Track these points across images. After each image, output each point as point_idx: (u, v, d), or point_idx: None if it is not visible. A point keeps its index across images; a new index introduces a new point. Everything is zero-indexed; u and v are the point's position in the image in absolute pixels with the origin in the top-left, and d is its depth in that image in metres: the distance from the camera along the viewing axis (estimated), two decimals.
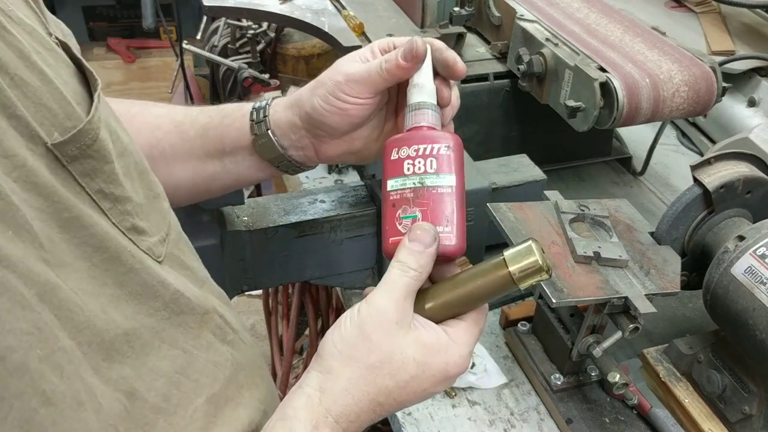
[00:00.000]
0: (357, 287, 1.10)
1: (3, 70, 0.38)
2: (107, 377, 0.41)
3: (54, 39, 0.47)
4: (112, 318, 0.43)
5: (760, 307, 0.73)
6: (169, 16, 2.91)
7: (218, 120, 0.69)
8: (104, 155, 0.44)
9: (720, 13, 1.57)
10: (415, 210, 0.52)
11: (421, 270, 0.51)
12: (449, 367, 0.52)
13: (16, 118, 0.38)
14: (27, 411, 0.34)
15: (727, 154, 0.89)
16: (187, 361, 0.49)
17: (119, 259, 0.44)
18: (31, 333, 0.35)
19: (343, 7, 1.31)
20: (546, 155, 1.22)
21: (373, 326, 0.50)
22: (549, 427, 0.89)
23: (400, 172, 0.54)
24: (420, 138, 0.54)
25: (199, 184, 0.71)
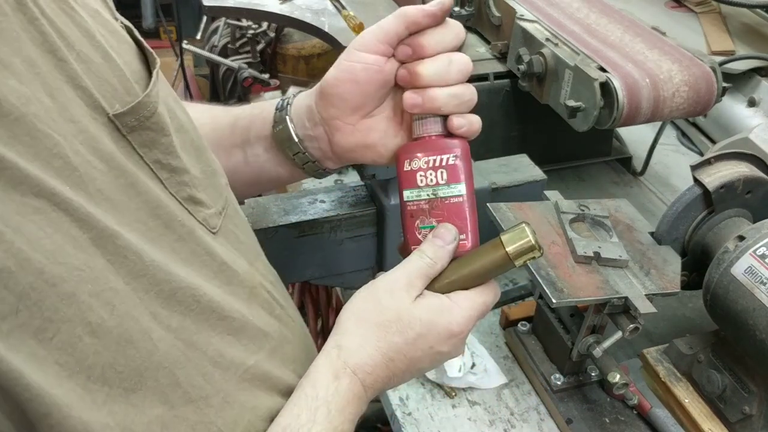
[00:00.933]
0: (357, 287, 1.10)
1: (70, 46, 0.42)
2: (167, 324, 0.44)
3: (120, 23, 0.51)
4: (174, 272, 0.46)
5: (760, 307, 0.73)
6: (169, 16, 2.91)
7: (248, 111, 0.72)
8: (162, 128, 0.47)
9: (720, 13, 1.57)
10: (432, 221, 0.58)
11: (436, 260, 0.57)
12: (452, 326, 0.57)
13: (82, 89, 0.42)
14: (72, 336, 0.37)
15: (727, 154, 0.89)
16: (241, 325, 0.52)
17: (171, 227, 0.47)
18: (82, 270, 0.38)
19: (343, 7, 1.31)
20: (546, 155, 1.22)
21: (385, 292, 0.57)
22: (549, 427, 0.89)
23: (414, 184, 0.58)
24: (430, 149, 0.57)
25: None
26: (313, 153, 0.67)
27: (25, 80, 0.38)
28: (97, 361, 0.38)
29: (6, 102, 0.36)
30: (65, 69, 0.41)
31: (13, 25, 0.38)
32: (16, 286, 0.34)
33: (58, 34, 0.41)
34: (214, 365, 0.48)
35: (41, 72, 0.39)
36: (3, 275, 0.34)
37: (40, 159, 0.37)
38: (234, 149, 0.71)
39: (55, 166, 0.38)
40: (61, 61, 0.41)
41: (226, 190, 0.59)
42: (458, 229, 0.58)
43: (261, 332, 0.55)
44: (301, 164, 0.68)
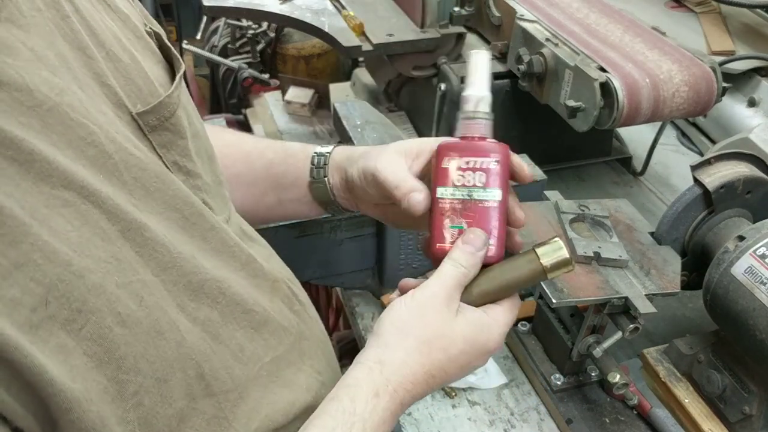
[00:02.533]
0: (357, 287, 1.10)
1: (100, 45, 0.43)
2: (194, 316, 0.45)
3: (148, 29, 0.51)
4: (201, 264, 0.46)
5: (760, 307, 0.73)
6: (169, 16, 2.91)
7: (282, 157, 0.75)
8: (180, 130, 0.48)
9: (720, 13, 1.57)
10: (462, 221, 0.56)
11: (469, 269, 0.57)
12: (490, 343, 0.57)
13: (108, 87, 0.43)
14: (102, 327, 0.38)
15: (727, 154, 0.89)
16: (264, 319, 0.53)
17: (203, 215, 0.48)
18: (109, 262, 0.39)
19: (343, 7, 1.31)
20: (546, 155, 1.22)
21: (427, 307, 0.56)
22: (549, 427, 0.89)
23: (449, 182, 0.56)
24: (471, 149, 0.56)
25: (252, 212, 0.74)
26: (342, 204, 0.73)
27: (58, 73, 0.38)
28: (128, 352, 0.39)
29: (39, 92, 0.36)
30: (93, 66, 0.42)
31: (46, 20, 0.39)
32: (44, 278, 0.35)
33: (89, 32, 0.42)
34: (235, 359, 0.49)
35: (72, 67, 0.40)
36: (30, 268, 0.34)
37: (73, 147, 0.38)
38: (269, 191, 0.75)
39: (89, 155, 0.39)
40: (89, 59, 0.41)
41: (229, 202, 0.60)
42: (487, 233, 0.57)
43: (281, 327, 0.56)
44: (332, 211, 0.75)
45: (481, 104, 0.58)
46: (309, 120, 1.57)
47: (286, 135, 1.52)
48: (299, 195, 0.73)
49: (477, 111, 0.58)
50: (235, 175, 0.74)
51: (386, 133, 1.04)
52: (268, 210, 0.76)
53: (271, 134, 1.54)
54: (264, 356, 0.53)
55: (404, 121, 1.44)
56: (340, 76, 1.86)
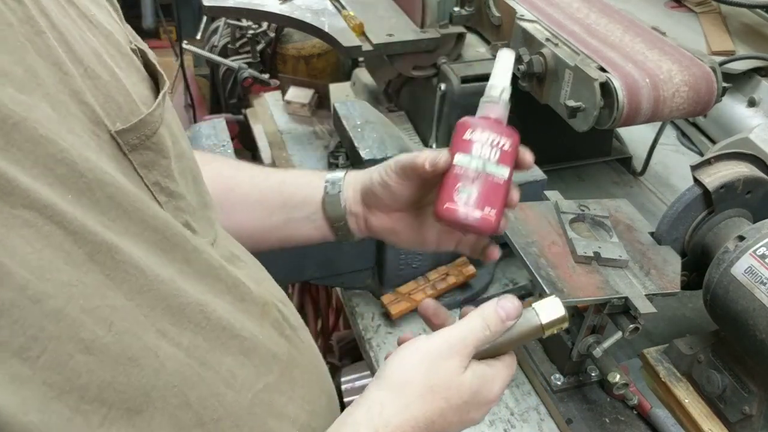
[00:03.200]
0: (357, 287, 1.10)
1: (78, 62, 0.41)
2: (177, 342, 0.43)
3: (133, 46, 0.50)
4: (181, 287, 0.44)
5: (760, 308, 0.73)
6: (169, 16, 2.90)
7: (294, 179, 0.76)
8: (162, 149, 0.47)
9: (720, 13, 1.57)
10: (473, 189, 0.60)
11: (495, 335, 0.58)
12: (491, 395, 0.58)
13: (85, 104, 0.41)
14: (62, 354, 0.35)
15: (727, 154, 0.89)
16: (253, 345, 0.51)
17: (184, 237, 0.47)
18: (74, 285, 0.36)
19: (343, 7, 1.31)
20: (546, 155, 1.21)
21: (440, 356, 0.56)
22: (549, 427, 0.89)
23: (468, 151, 0.61)
24: (492, 128, 0.61)
25: (254, 235, 0.75)
26: (350, 225, 0.74)
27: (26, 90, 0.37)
28: (92, 380, 0.37)
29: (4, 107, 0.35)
30: (69, 83, 0.40)
31: (17, 35, 0.37)
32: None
33: (66, 48, 0.41)
34: (227, 386, 0.47)
35: (44, 83, 0.38)
36: None
37: (40, 165, 0.36)
38: (278, 210, 0.75)
39: (58, 173, 0.37)
40: (66, 75, 0.40)
41: (216, 224, 0.58)
42: (491, 204, 0.60)
43: (270, 353, 0.54)
44: (337, 231, 0.75)
45: (505, 93, 0.63)
46: (309, 120, 1.57)
47: (286, 135, 1.52)
48: (309, 213, 0.74)
49: (500, 98, 0.63)
50: (243, 195, 0.75)
51: (386, 133, 1.04)
52: (273, 230, 0.75)
53: (271, 134, 1.54)
54: (257, 383, 0.51)
55: (404, 121, 1.44)
56: (340, 76, 1.86)
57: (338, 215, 0.73)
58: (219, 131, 1.01)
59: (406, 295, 1.04)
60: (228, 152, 0.97)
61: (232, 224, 0.69)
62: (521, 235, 0.84)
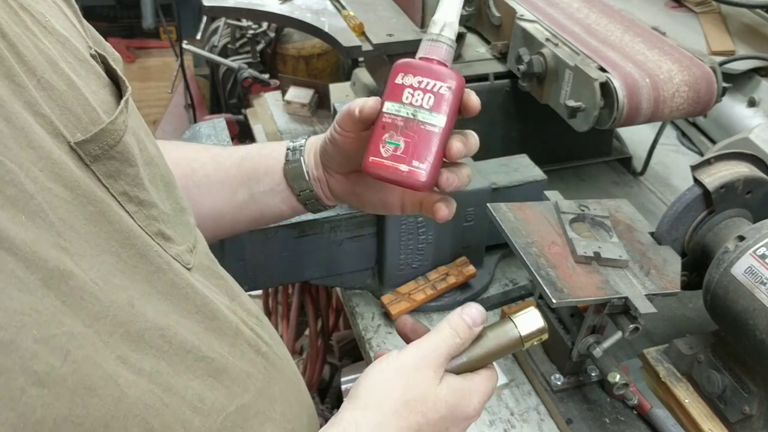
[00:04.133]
0: (357, 287, 1.10)
1: (31, 72, 0.40)
2: (138, 368, 0.41)
3: (93, 51, 0.48)
4: (140, 311, 0.42)
5: (761, 308, 0.73)
6: (169, 16, 2.90)
7: (256, 152, 0.74)
8: (128, 158, 0.45)
9: (720, 13, 1.57)
10: (400, 139, 0.55)
11: (465, 343, 0.58)
12: (469, 410, 0.57)
13: (41, 116, 0.39)
14: (13, 389, 0.33)
15: (727, 154, 0.89)
16: (222, 366, 0.50)
17: (146, 257, 0.45)
18: (27, 314, 0.34)
19: (343, 7, 1.31)
20: (546, 155, 1.22)
21: (414, 369, 0.55)
22: (549, 427, 0.89)
23: (398, 98, 0.56)
24: (427, 71, 0.56)
25: (225, 215, 0.73)
26: (316, 191, 0.72)
27: None
28: (47, 415, 0.35)
29: None
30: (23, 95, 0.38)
31: None
32: None
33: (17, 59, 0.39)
34: (194, 411, 0.45)
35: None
36: None
37: None
38: (240, 187, 0.73)
39: (8, 195, 0.35)
40: (19, 87, 0.38)
41: (195, 230, 0.57)
42: (420, 157, 0.55)
43: (245, 373, 0.52)
44: (305, 201, 0.73)
45: (447, 29, 0.57)
46: (309, 120, 1.57)
47: (286, 135, 1.52)
48: (273, 184, 0.72)
49: (441, 35, 0.57)
50: (205, 176, 0.72)
51: None
52: (240, 209, 0.73)
53: (271, 134, 1.54)
54: (228, 405, 0.49)
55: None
56: (340, 76, 1.86)
57: (302, 183, 0.70)
58: (219, 131, 1.01)
59: (406, 295, 1.04)
60: None
61: (199, 208, 0.67)
62: (521, 235, 0.84)
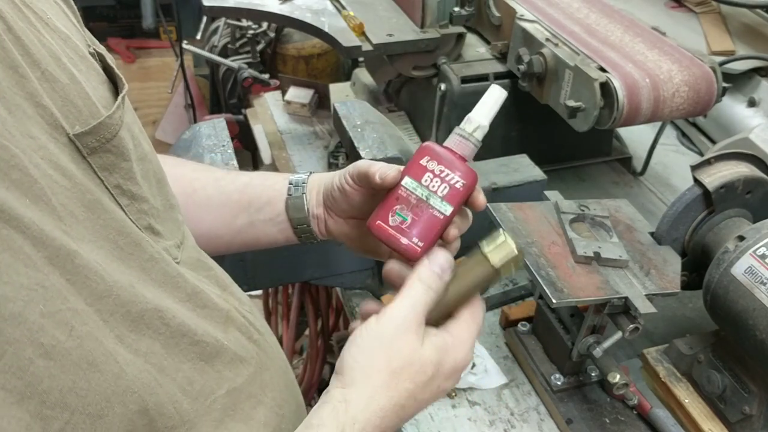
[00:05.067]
0: (357, 287, 1.10)
1: (35, 65, 0.41)
2: (135, 348, 0.43)
3: (91, 49, 0.50)
4: (140, 293, 0.44)
5: (761, 308, 0.73)
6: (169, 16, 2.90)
7: (259, 181, 0.76)
8: (122, 152, 0.46)
9: (720, 13, 1.57)
10: (409, 215, 0.60)
11: (437, 292, 0.57)
12: (458, 362, 0.57)
13: (42, 107, 0.41)
14: (21, 359, 0.35)
15: (727, 154, 0.89)
16: (216, 350, 0.51)
17: (140, 246, 0.46)
18: (33, 289, 0.36)
19: (343, 7, 1.31)
20: (546, 155, 1.22)
21: (395, 335, 0.54)
22: (549, 427, 0.89)
23: (418, 178, 0.60)
24: (450, 163, 0.61)
25: (222, 236, 0.75)
26: (312, 227, 0.74)
27: None
28: (53, 386, 0.36)
29: None
30: (25, 86, 0.40)
31: None
32: None
33: (22, 51, 0.40)
34: (183, 393, 0.46)
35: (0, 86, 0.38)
36: None
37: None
38: (241, 212, 0.75)
39: (13, 178, 0.37)
40: (22, 78, 0.40)
41: (183, 226, 0.58)
42: (421, 236, 0.60)
43: (238, 357, 0.54)
44: (300, 233, 0.75)
45: (478, 131, 0.62)
46: (309, 120, 1.57)
47: (286, 135, 1.52)
48: (273, 215, 0.74)
49: (472, 135, 0.61)
50: (206, 197, 0.74)
51: (386, 133, 1.04)
52: (238, 233, 0.75)
53: (271, 134, 1.54)
54: (217, 389, 0.50)
55: (404, 121, 1.44)
56: (340, 76, 1.86)
57: (301, 217, 0.73)
58: (219, 131, 1.01)
59: None
60: (228, 152, 0.97)
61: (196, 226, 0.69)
62: (521, 235, 0.85)
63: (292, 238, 0.76)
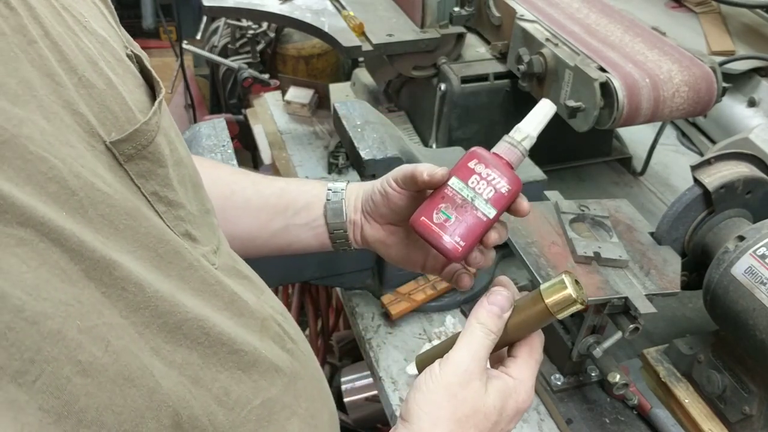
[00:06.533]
0: (357, 287, 1.10)
1: (72, 71, 0.41)
2: (170, 360, 0.42)
3: (129, 51, 0.50)
4: (181, 302, 0.44)
5: (761, 308, 0.73)
6: (169, 16, 2.90)
7: (296, 186, 0.77)
8: (159, 158, 0.46)
9: (720, 13, 1.57)
10: (453, 214, 0.61)
11: (498, 333, 0.57)
12: (519, 404, 0.57)
13: (79, 115, 0.40)
14: (59, 378, 0.34)
15: (727, 155, 0.89)
16: (253, 360, 0.51)
17: (180, 254, 0.46)
18: (71, 305, 0.35)
19: (343, 7, 1.31)
20: (546, 155, 1.22)
21: (460, 385, 0.55)
22: (549, 427, 0.89)
23: (465, 180, 0.62)
24: (497, 168, 0.62)
25: (256, 239, 0.76)
26: (348, 233, 0.75)
27: (19, 102, 0.36)
28: (90, 404, 0.36)
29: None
30: (62, 94, 0.39)
31: (11, 46, 0.37)
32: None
33: (59, 58, 0.40)
34: (219, 404, 0.46)
35: (38, 95, 0.38)
36: None
37: (33, 183, 0.35)
38: (277, 216, 0.75)
39: (50, 191, 0.36)
40: (58, 86, 0.39)
41: (218, 230, 0.58)
42: (463, 236, 0.61)
43: (273, 366, 0.54)
44: (335, 239, 0.75)
45: (527, 141, 0.63)
46: (309, 120, 1.57)
47: (286, 135, 1.52)
48: (309, 219, 0.75)
49: (520, 143, 0.63)
50: (244, 200, 0.75)
51: (386, 133, 1.04)
52: (272, 236, 0.76)
53: (271, 134, 1.54)
54: (254, 399, 0.50)
55: (404, 121, 1.44)
56: (340, 76, 1.86)
57: (338, 222, 0.73)
58: (219, 131, 1.01)
59: (406, 295, 1.04)
60: (228, 152, 0.97)
61: (232, 229, 0.69)
62: (521, 235, 0.84)
63: (327, 244, 0.76)
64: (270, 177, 0.81)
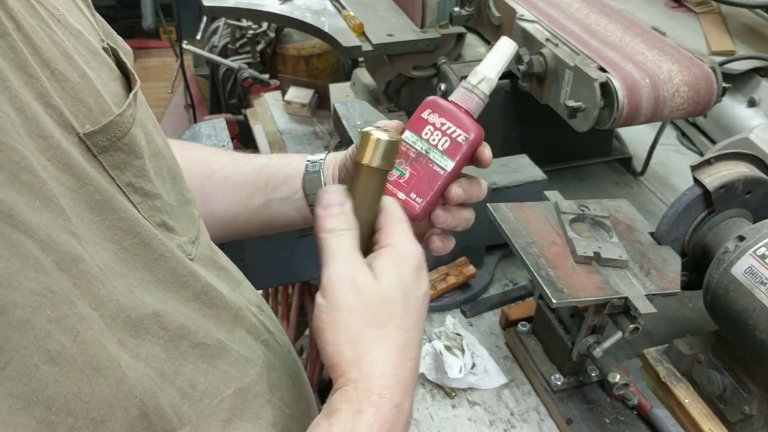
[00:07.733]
0: None
1: (45, 64, 0.41)
2: (136, 353, 0.43)
3: (105, 44, 0.50)
4: (139, 298, 0.44)
5: (761, 308, 0.73)
6: (169, 16, 2.90)
7: (276, 160, 0.76)
8: (134, 150, 0.46)
9: (720, 13, 1.57)
10: (407, 169, 0.57)
11: (350, 227, 0.53)
12: (413, 263, 0.53)
13: (52, 107, 0.41)
14: (28, 366, 0.35)
15: (727, 155, 0.89)
16: (218, 351, 0.50)
17: (150, 246, 0.46)
18: (42, 294, 0.36)
19: (343, 7, 1.31)
20: (546, 155, 1.22)
21: (348, 296, 0.50)
22: (549, 427, 0.89)
23: (418, 131, 0.58)
24: (452, 116, 0.58)
25: (239, 217, 0.75)
26: None
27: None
28: (58, 391, 0.37)
29: None
30: (35, 86, 0.40)
31: None
32: None
33: (32, 51, 0.40)
34: (183, 396, 0.46)
35: (10, 87, 0.38)
36: None
37: (5, 172, 0.36)
38: (257, 191, 0.74)
39: (23, 180, 0.36)
40: (31, 78, 0.40)
41: (198, 221, 0.58)
42: (419, 192, 0.56)
43: (243, 358, 0.53)
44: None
45: (484, 83, 0.59)
46: (309, 120, 1.57)
47: (286, 135, 1.52)
48: (289, 192, 0.73)
49: (477, 87, 0.58)
50: (224, 177, 0.74)
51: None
52: (254, 213, 0.74)
53: (271, 134, 1.54)
54: (224, 389, 0.50)
55: (404, 121, 1.44)
56: (340, 76, 1.86)
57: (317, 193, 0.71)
58: (219, 131, 1.01)
59: None
60: None
61: (213, 209, 0.68)
62: (521, 235, 0.84)
63: (309, 218, 0.73)
64: (252, 155, 0.79)
